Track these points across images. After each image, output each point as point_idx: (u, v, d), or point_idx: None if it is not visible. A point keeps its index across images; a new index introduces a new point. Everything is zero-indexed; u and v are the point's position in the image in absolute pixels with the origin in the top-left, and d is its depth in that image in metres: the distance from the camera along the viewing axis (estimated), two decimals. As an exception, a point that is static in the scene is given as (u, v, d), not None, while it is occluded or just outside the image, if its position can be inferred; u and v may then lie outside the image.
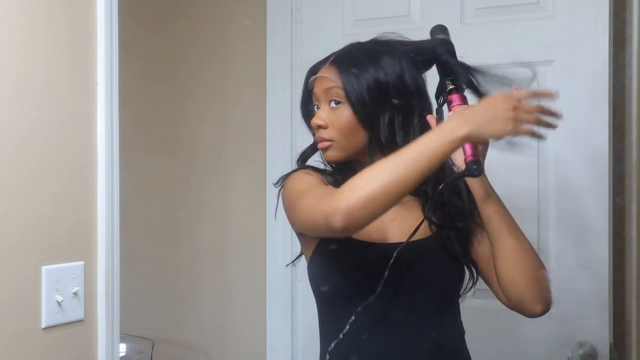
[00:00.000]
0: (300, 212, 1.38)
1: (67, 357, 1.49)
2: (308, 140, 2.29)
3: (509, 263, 1.39)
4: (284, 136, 2.29)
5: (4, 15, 1.37)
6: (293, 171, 1.52)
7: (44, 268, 1.43)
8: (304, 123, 1.57)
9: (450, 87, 1.40)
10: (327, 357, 1.44)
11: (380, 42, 1.49)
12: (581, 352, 1.86)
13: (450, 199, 1.45)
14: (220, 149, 2.43)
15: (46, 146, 1.44)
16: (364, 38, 1.51)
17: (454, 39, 1.48)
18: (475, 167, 1.29)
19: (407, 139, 1.41)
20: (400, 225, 1.45)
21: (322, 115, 1.45)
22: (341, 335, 1.39)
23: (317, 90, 1.47)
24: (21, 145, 1.40)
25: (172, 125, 2.50)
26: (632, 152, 1.96)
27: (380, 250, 1.41)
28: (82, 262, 1.51)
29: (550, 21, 1.94)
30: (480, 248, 1.46)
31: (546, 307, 1.40)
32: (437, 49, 1.43)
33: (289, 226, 2.38)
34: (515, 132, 1.24)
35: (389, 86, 1.41)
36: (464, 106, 1.38)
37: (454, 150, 1.24)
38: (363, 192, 1.21)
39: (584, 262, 1.89)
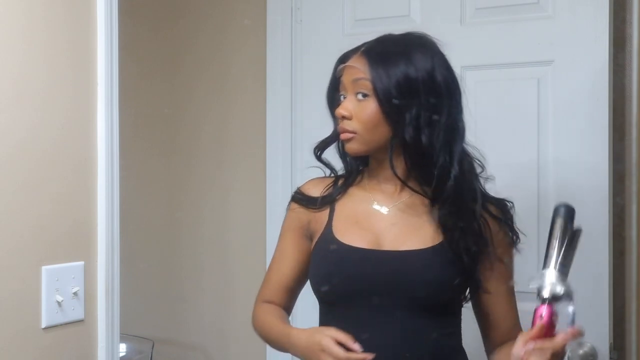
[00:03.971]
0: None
1: (67, 357, 1.49)
2: (308, 140, 2.28)
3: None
4: (284, 136, 2.29)
5: (4, 16, 1.37)
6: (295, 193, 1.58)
7: (44, 268, 1.43)
8: (328, 111, 1.53)
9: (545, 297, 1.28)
10: None
11: (414, 35, 1.45)
12: (581, 352, 1.86)
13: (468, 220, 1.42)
14: (220, 149, 2.43)
15: (46, 146, 1.44)
16: (364, 38, 1.50)
17: (454, 39, 1.48)
18: None
19: (432, 139, 1.38)
20: (400, 233, 1.44)
21: (347, 106, 1.42)
22: None
23: (345, 79, 1.44)
24: (21, 145, 1.40)
25: (172, 125, 2.50)
26: (632, 152, 1.96)
27: (366, 257, 1.42)
28: (82, 262, 1.51)
29: (550, 21, 1.94)
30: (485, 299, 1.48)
31: None
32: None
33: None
34: None
35: (419, 82, 1.38)
36: None
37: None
38: (255, 329, 1.58)
39: (584, 262, 1.88)
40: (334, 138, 1.52)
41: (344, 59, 1.47)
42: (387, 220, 1.45)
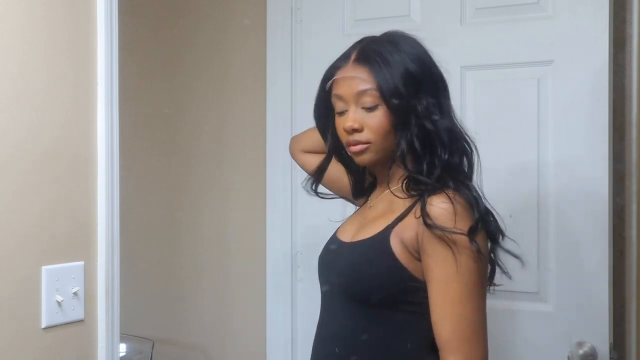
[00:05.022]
0: None
1: (67, 357, 1.49)
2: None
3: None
4: (284, 136, 2.28)
5: (4, 16, 1.37)
6: None
7: (44, 268, 1.43)
8: (320, 131, 1.53)
9: None
10: None
11: (395, 33, 1.42)
12: (581, 352, 1.86)
13: None
14: (220, 149, 2.43)
15: (46, 146, 1.44)
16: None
17: (454, 39, 1.48)
18: None
19: (436, 135, 1.35)
20: (363, 225, 1.46)
21: (356, 117, 1.38)
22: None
23: (345, 91, 1.39)
24: (21, 145, 1.40)
25: (172, 125, 2.50)
26: (632, 152, 1.96)
27: (328, 248, 1.52)
28: (82, 262, 1.51)
29: (550, 21, 1.94)
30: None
31: None
32: None
33: (289, 226, 2.38)
34: None
35: (418, 79, 1.36)
36: None
37: None
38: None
39: (584, 262, 1.89)
40: (328, 160, 1.53)
41: (333, 71, 1.44)
42: (367, 214, 1.49)
